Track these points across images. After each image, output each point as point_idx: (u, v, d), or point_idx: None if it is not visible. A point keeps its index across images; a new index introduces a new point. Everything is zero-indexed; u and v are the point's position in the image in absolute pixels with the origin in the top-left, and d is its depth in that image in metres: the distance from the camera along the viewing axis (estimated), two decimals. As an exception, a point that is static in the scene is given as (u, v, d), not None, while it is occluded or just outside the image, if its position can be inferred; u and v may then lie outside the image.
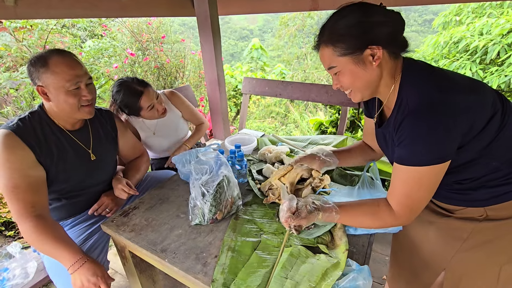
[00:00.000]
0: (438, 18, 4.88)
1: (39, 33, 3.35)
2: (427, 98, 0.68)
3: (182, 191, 1.25)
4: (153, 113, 1.56)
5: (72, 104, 1.07)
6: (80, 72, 1.07)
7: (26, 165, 1.01)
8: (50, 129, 1.11)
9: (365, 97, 0.82)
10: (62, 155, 1.12)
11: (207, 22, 2.06)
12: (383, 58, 0.73)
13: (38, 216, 0.99)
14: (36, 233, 0.96)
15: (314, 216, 0.82)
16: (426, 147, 0.67)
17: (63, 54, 1.06)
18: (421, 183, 0.70)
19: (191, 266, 0.86)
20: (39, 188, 1.04)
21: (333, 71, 0.78)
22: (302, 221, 0.81)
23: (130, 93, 1.47)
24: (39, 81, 1.03)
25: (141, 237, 0.98)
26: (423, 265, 0.97)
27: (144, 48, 3.70)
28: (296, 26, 10.83)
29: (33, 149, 1.04)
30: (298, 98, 2.32)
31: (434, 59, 4.29)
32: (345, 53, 0.73)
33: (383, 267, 1.69)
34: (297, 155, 1.53)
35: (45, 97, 1.06)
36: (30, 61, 1.03)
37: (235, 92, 4.83)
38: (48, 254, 1.00)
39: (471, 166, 0.75)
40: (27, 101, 3.21)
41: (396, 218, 0.76)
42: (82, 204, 1.26)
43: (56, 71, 1.02)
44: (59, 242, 0.97)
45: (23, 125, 1.05)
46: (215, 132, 2.54)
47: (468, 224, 0.81)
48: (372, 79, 0.76)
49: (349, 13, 0.73)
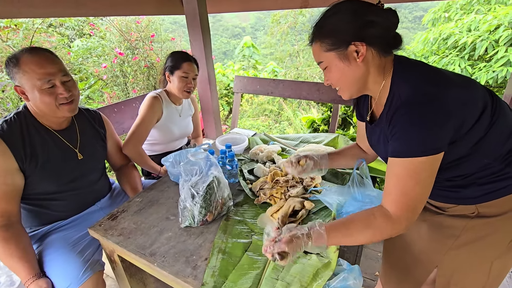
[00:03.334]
0: (427, 14, 4.94)
1: (24, 33, 3.26)
2: (420, 90, 0.67)
3: (172, 193, 1.23)
4: (183, 84, 1.60)
5: (48, 103, 1.04)
6: (52, 70, 1.03)
7: (4, 172, 0.99)
8: (35, 129, 1.09)
9: (353, 94, 0.82)
10: (48, 156, 1.10)
11: (196, 20, 2.03)
12: (369, 54, 0.73)
13: (4, 226, 0.99)
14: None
15: (300, 240, 0.73)
16: (419, 137, 0.66)
17: (34, 52, 1.02)
18: (416, 177, 0.68)
19: (181, 270, 0.85)
20: (13, 196, 1.03)
21: (321, 66, 0.80)
22: (284, 247, 0.72)
23: (182, 54, 1.64)
24: (15, 81, 1.01)
25: (130, 241, 0.96)
26: (416, 262, 0.98)
27: (133, 47, 3.65)
28: (288, 24, 10.82)
29: (17, 153, 1.01)
30: (290, 96, 2.31)
31: (424, 55, 4.34)
32: (331, 49, 0.74)
33: (375, 264, 1.70)
34: (290, 154, 1.52)
35: (25, 96, 1.04)
36: (6, 61, 1.01)
37: (227, 91, 4.81)
38: (7, 266, 1.00)
39: (462, 163, 0.75)
40: (14, 102, 3.13)
41: (395, 223, 0.70)
42: (70, 207, 1.23)
43: (26, 70, 0.99)
44: (19, 256, 0.98)
45: (7, 127, 1.02)
46: (207, 132, 2.52)
47: (460, 222, 0.82)
48: (358, 76, 0.76)
49: (338, 10, 0.74)
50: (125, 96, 3.67)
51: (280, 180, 1.17)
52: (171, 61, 1.61)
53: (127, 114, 1.98)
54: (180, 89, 1.61)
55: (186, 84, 1.60)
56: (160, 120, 1.65)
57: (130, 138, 1.51)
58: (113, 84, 3.65)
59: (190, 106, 1.87)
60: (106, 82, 3.63)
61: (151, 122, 1.60)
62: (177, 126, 1.75)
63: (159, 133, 1.71)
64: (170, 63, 1.61)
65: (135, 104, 2.04)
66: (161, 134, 1.71)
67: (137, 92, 3.60)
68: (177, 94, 1.63)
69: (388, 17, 0.72)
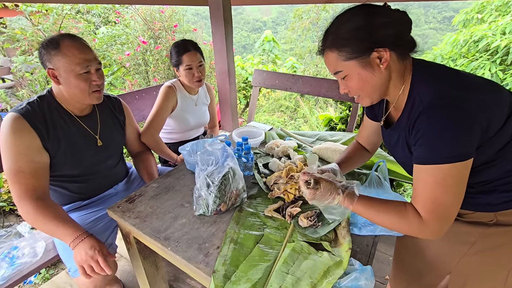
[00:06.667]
0: (458, 15, 4.71)
1: (54, 18, 3.38)
2: (442, 94, 0.65)
3: (187, 181, 1.25)
4: (190, 76, 1.60)
5: (83, 88, 1.08)
6: (90, 56, 1.08)
7: (31, 151, 1.03)
8: (58, 114, 1.12)
9: (374, 101, 0.80)
10: (69, 140, 1.14)
11: (219, 11, 2.03)
12: (391, 60, 0.70)
13: (38, 199, 1.01)
14: (36, 214, 0.98)
15: (333, 186, 0.79)
16: (446, 144, 0.63)
17: (75, 38, 1.07)
18: (445, 184, 0.65)
19: (193, 256, 0.87)
20: (42, 173, 1.06)
21: (339, 75, 0.77)
22: (321, 179, 0.80)
23: (180, 46, 1.59)
24: (50, 64, 1.04)
25: (146, 224, 1.00)
26: (428, 268, 0.96)
27: (156, 37, 3.70)
28: (310, 19, 10.62)
29: (40, 134, 1.05)
30: (309, 92, 2.28)
31: (452, 58, 4.15)
32: (351, 57, 0.71)
33: (386, 267, 1.67)
34: (306, 151, 1.51)
35: (55, 80, 1.07)
36: (42, 43, 1.04)
37: (245, 84, 4.81)
38: (49, 233, 1.02)
39: (485, 169, 0.72)
40: (41, 84, 3.27)
41: (424, 225, 0.67)
42: (89, 189, 1.28)
43: (67, 54, 1.03)
44: (59, 221, 0.99)
45: (31, 109, 1.06)
46: (223, 124, 2.54)
47: (477, 229, 0.79)
48: (381, 82, 0.74)
49: (352, 16, 0.71)
50: (146, 84, 3.75)
51: (295, 176, 1.16)
52: (173, 56, 1.62)
53: (148, 102, 2.02)
54: (190, 81, 1.62)
55: (193, 75, 1.61)
56: (175, 109, 1.68)
57: (147, 127, 1.56)
58: (135, 72, 3.73)
59: (206, 95, 1.89)
60: (129, 69, 3.71)
61: (167, 111, 1.64)
62: (192, 116, 1.77)
63: (175, 122, 1.74)
64: (173, 59, 1.62)
65: (155, 92, 2.08)
66: (177, 123, 1.74)
67: (158, 80, 3.66)
68: (189, 85, 1.66)
69: (401, 17, 0.70)
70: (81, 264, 0.95)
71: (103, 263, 0.95)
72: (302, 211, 1.02)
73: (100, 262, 0.95)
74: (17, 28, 3.53)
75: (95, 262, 0.94)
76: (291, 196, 1.09)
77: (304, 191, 0.82)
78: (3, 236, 1.23)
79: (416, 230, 0.69)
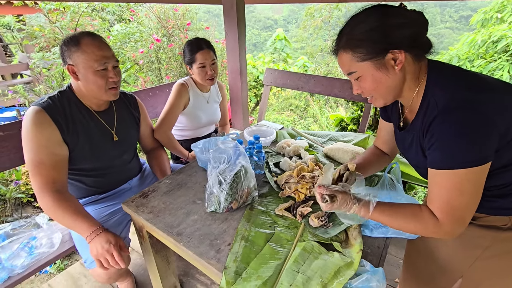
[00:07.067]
0: (477, 14, 4.57)
1: (71, 15, 3.46)
2: (458, 97, 0.64)
3: (199, 178, 1.27)
4: (203, 74, 1.62)
5: (100, 85, 1.11)
6: (108, 54, 1.11)
7: (52, 143, 1.06)
8: (77, 108, 1.16)
9: (387, 102, 0.80)
10: (87, 134, 1.17)
11: (232, 10, 2.04)
12: (405, 61, 0.70)
13: (57, 191, 1.04)
14: (55, 207, 1.01)
15: (349, 197, 0.78)
16: (461, 149, 0.62)
17: (94, 36, 1.11)
18: (461, 188, 0.65)
19: (205, 252, 0.88)
20: (62, 166, 1.10)
21: (353, 76, 0.77)
22: (337, 192, 0.78)
23: (193, 44, 1.62)
24: (70, 60, 1.08)
25: (159, 219, 1.02)
26: (439, 271, 0.94)
27: (169, 35, 3.74)
28: (322, 18, 10.52)
29: (60, 127, 1.08)
30: (321, 92, 2.27)
31: (469, 58, 4.04)
32: (366, 58, 0.71)
33: (396, 270, 1.66)
34: (318, 151, 1.51)
35: (74, 76, 1.10)
36: (64, 40, 1.08)
37: (255, 83, 4.81)
38: (67, 226, 1.05)
39: (502, 172, 0.71)
40: (58, 80, 3.36)
41: (440, 226, 0.68)
42: (105, 183, 1.32)
43: (86, 51, 1.06)
44: (77, 215, 1.02)
45: (52, 103, 1.09)
46: (234, 122, 2.55)
47: (491, 233, 0.78)
48: (395, 84, 0.73)
49: (367, 17, 0.70)
50: (158, 81, 3.80)
51: (306, 176, 1.17)
52: (186, 55, 1.64)
53: (161, 99, 2.05)
54: (202, 79, 1.64)
55: (206, 73, 1.62)
56: (187, 106, 1.70)
57: (160, 124, 1.59)
58: (147, 70, 3.79)
59: (217, 93, 1.90)
60: (141, 67, 3.77)
61: (179, 108, 1.66)
62: (204, 113, 1.79)
63: (187, 119, 1.76)
64: (186, 57, 1.64)
65: (168, 89, 2.11)
66: (188, 120, 1.77)
67: (170, 78, 3.71)
68: (202, 83, 1.68)
69: (417, 18, 0.69)
70: (97, 258, 0.98)
71: (118, 256, 0.98)
72: (313, 211, 1.02)
73: (115, 256, 0.97)
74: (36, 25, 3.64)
75: (110, 256, 0.97)
76: (302, 196, 1.10)
77: (321, 204, 0.81)
78: (22, 226, 1.28)
79: (432, 232, 0.70)
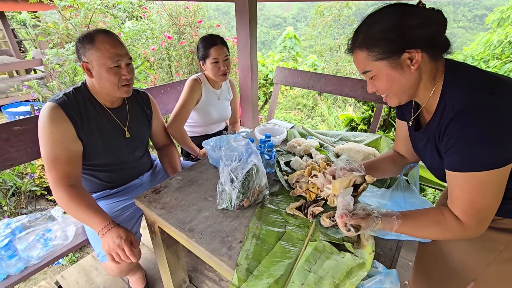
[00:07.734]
0: (493, 13, 4.45)
1: (84, 12, 3.51)
2: (476, 99, 0.63)
3: (210, 175, 1.28)
4: (216, 69, 1.64)
5: (113, 82, 1.12)
6: (122, 51, 1.12)
7: (67, 139, 1.09)
8: (91, 105, 1.18)
9: (402, 102, 0.79)
10: (101, 131, 1.19)
11: (245, 8, 2.04)
12: (422, 61, 0.69)
13: (72, 186, 1.07)
14: (70, 201, 1.04)
15: (373, 220, 0.74)
16: (481, 152, 0.62)
17: (108, 34, 1.12)
18: (483, 190, 0.64)
19: (217, 248, 0.89)
20: (76, 161, 1.12)
21: (368, 75, 0.76)
22: (360, 221, 0.74)
23: (207, 40, 1.63)
24: (85, 57, 1.10)
25: (171, 215, 1.03)
26: (451, 274, 0.93)
27: (180, 32, 3.76)
28: (332, 16, 10.39)
29: (75, 123, 1.11)
30: (331, 91, 2.25)
31: (484, 59, 3.95)
32: (381, 58, 0.70)
33: (405, 272, 1.64)
34: (328, 151, 1.50)
35: (88, 73, 1.12)
36: (79, 38, 1.10)
37: (265, 81, 4.80)
38: (80, 220, 1.08)
39: None
40: (70, 76, 3.42)
41: (465, 229, 0.69)
42: (118, 178, 1.34)
43: (100, 48, 1.08)
44: (90, 209, 1.04)
45: (68, 100, 1.12)
46: (243, 120, 2.56)
47: (505, 236, 0.77)
48: (411, 83, 0.72)
49: (384, 16, 0.70)
50: (169, 79, 3.83)
51: (317, 175, 1.16)
52: (200, 50, 1.65)
53: (172, 96, 2.07)
54: (215, 74, 1.65)
55: (219, 68, 1.64)
56: (199, 102, 1.72)
57: (174, 119, 1.61)
58: (158, 67, 3.82)
59: (229, 90, 1.91)
60: (152, 64, 3.80)
61: (192, 103, 1.68)
62: (215, 109, 1.80)
63: (199, 115, 1.78)
64: (200, 52, 1.66)
65: (179, 87, 2.13)
66: (200, 116, 1.78)
67: (181, 76, 3.73)
68: (214, 79, 1.69)
69: (436, 17, 0.68)
70: (109, 252, 1.00)
71: (129, 251, 1.00)
72: (324, 210, 1.02)
73: (126, 251, 0.99)
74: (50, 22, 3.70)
75: (121, 250, 0.99)
76: (313, 195, 1.09)
77: (344, 232, 0.78)
78: (38, 218, 1.32)
79: (459, 235, 0.70)
